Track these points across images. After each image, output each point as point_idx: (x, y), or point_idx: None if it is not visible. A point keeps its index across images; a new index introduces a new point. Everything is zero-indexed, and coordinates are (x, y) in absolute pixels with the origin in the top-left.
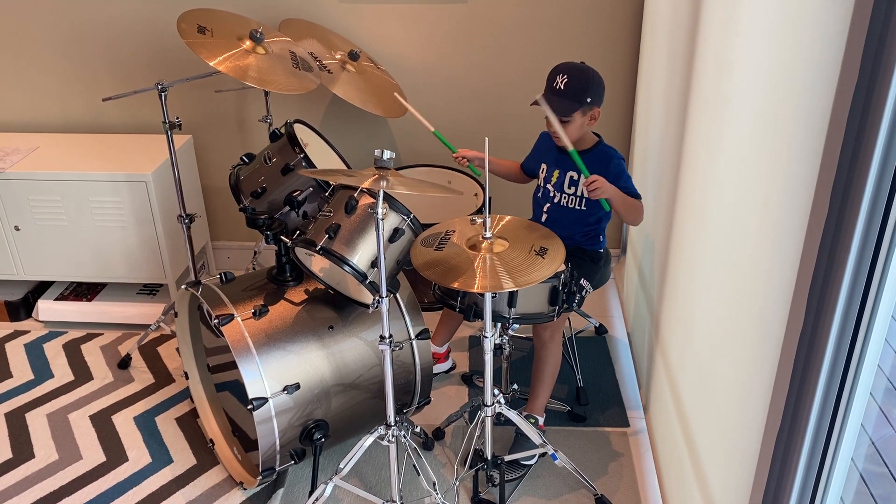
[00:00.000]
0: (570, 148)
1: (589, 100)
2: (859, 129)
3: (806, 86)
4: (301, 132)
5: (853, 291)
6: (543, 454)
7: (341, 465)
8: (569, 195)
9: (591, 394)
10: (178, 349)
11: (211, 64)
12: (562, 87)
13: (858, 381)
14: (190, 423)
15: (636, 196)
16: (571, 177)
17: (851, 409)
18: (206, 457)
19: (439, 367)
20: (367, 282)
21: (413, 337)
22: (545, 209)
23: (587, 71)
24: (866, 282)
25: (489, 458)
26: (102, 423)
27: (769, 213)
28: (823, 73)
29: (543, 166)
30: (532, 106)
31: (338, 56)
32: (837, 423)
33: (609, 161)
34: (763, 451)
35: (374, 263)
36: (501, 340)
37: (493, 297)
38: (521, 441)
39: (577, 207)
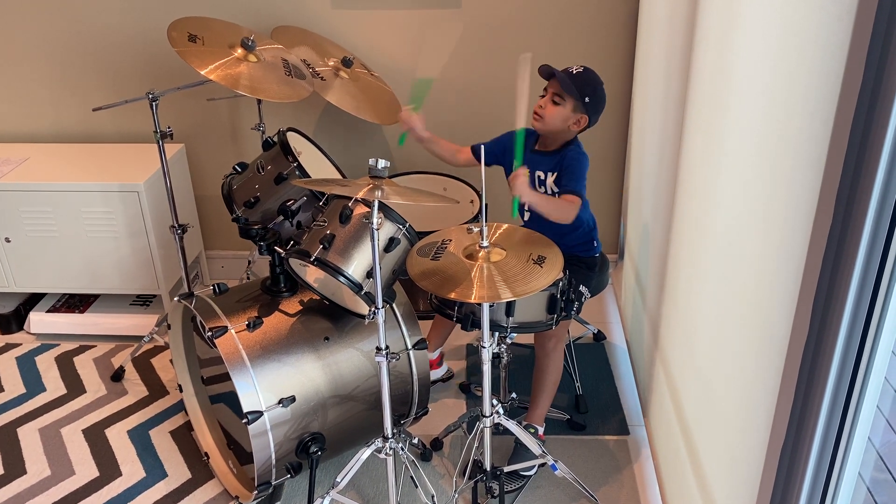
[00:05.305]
0: (520, 126)
1: (587, 100)
2: (863, 136)
3: (808, 93)
4: (294, 140)
5: (860, 299)
6: (543, 464)
7: (338, 479)
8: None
9: (590, 402)
10: (171, 361)
11: (202, 73)
12: (574, 73)
13: (866, 391)
14: (184, 437)
15: (575, 192)
16: (539, 176)
17: (859, 419)
18: (200, 471)
19: (433, 374)
20: (363, 292)
21: (410, 347)
22: (526, 207)
23: (599, 81)
24: (873, 291)
25: (488, 468)
26: (95, 438)
27: (771, 219)
28: (826, 80)
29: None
30: (536, 68)
31: (331, 63)
32: (845, 435)
33: (566, 153)
34: (768, 461)
35: (370, 274)
36: (499, 349)
37: (490, 307)
38: (520, 451)
39: None
